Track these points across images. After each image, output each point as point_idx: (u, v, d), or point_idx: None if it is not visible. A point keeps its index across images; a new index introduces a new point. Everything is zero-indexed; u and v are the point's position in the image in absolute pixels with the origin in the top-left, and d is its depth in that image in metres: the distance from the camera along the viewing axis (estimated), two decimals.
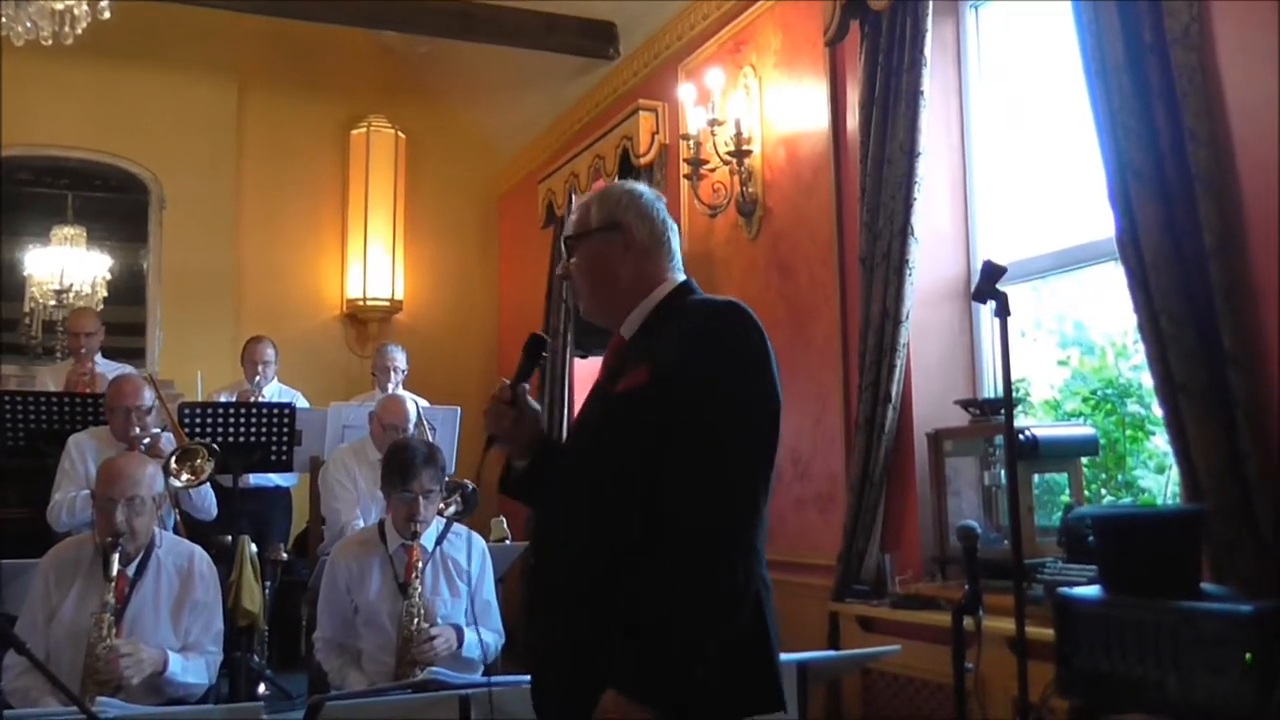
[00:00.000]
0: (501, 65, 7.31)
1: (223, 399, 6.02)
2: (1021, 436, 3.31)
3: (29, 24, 4.22)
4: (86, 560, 3.43)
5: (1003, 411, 3.73)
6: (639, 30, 6.29)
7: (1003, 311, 2.45)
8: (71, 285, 7.73)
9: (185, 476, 4.70)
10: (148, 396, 4.86)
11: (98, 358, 6.24)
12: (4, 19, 4.19)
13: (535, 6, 6.48)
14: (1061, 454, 3.56)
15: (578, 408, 2.15)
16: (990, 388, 4.18)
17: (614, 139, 6.13)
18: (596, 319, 2.20)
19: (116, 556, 3.33)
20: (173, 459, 4.69)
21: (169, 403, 5.27)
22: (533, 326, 7.26)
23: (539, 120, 7.73)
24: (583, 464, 2.08)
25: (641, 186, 2.23)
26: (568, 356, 6.79)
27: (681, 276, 2.16)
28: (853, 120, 4.42)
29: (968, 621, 2.67)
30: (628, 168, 6.05)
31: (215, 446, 4.89)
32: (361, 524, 4.82)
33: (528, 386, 2.21)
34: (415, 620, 3.47)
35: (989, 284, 2.43)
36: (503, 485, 2.29)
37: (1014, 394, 2.65)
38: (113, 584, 3.31)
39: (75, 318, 6.54)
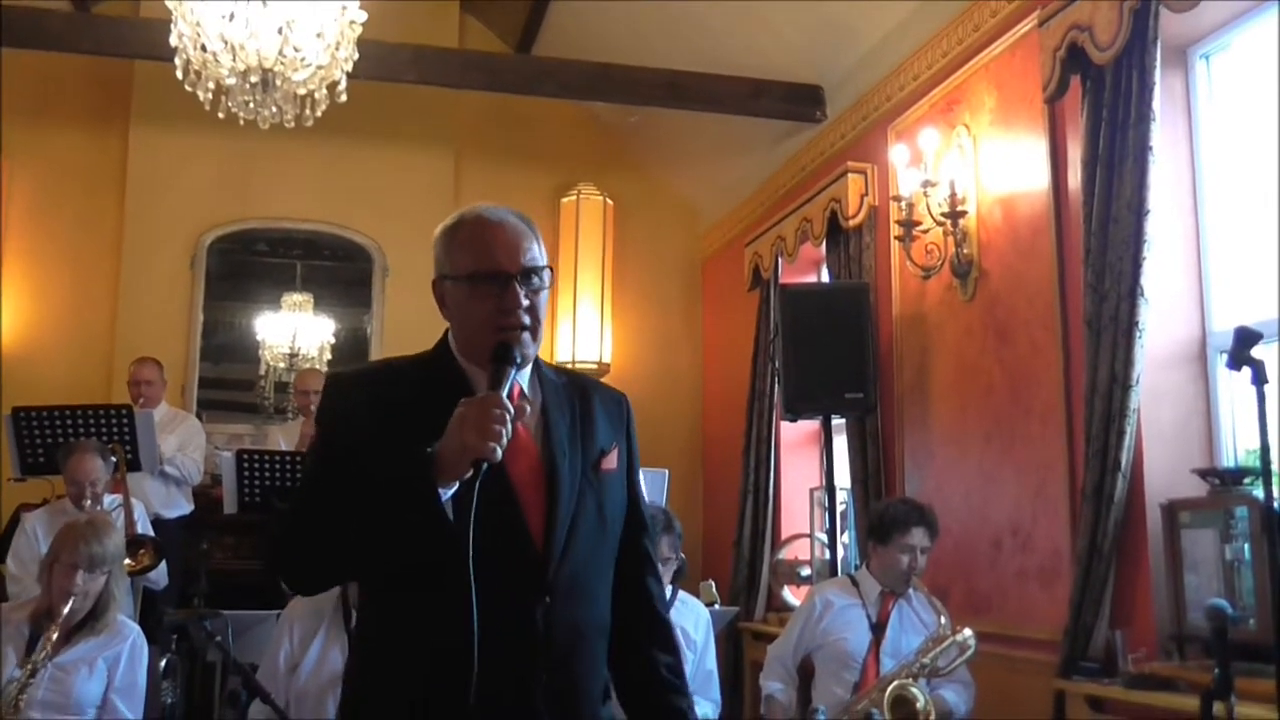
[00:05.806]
0: (708, 131, 7.41)
1: None
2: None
3: (274, 109, 4.53)
4: (328, 612, 3.53)
5: (1245, 481, 3.54)
6: (846, 92, 6.28)
7: (1259, 379, 2.31)
8: (300, 348, 8.21)
9: None
10: None
11: None
12: (252, 103, 4.49)
13: (741, 73, 6.56)
14: None
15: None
16: (1229, 455, 3.95)
17: (822, 201, 6.11)
18: (527, 360, 1.92)
19: None
20: None
21: None
22: (738, 389, 7.31)
23: (745, 184, 7.78)
24: (600, 532, 1.96)
25: None
26: (774, 419, 6.74)
27: None
28: (1074, 178, 4.28)
29: (1218, 707, 2.50)
30: (836, 229, 6.01)
31: None
32: None
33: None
34: None
35: (1244, 350, 2.30)
36: (425, 493, 1.73)
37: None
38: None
39: (303, 378, 6.93)
